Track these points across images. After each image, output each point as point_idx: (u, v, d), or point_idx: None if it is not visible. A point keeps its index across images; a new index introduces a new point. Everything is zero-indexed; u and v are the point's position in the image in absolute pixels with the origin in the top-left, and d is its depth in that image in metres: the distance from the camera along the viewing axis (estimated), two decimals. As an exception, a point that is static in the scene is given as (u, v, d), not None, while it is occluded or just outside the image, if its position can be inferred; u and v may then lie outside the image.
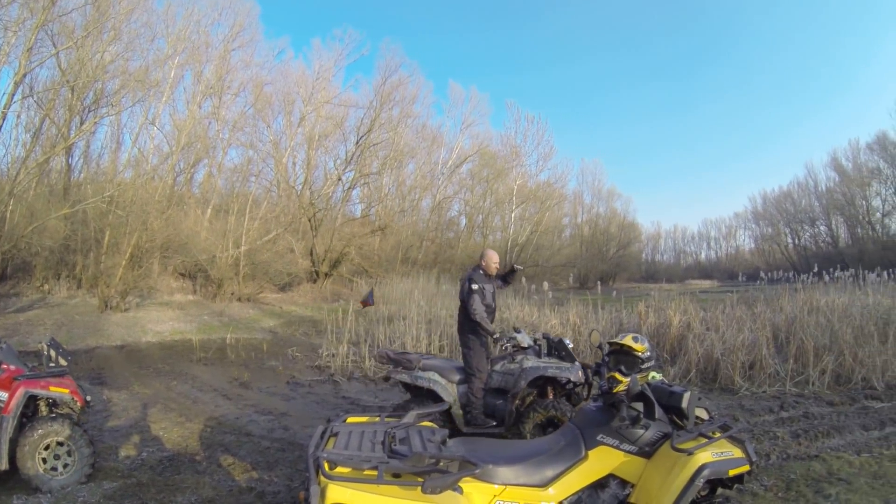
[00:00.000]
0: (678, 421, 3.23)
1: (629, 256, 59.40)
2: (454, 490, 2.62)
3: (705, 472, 2.88)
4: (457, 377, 5.93)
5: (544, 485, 2.96)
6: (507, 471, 2.91)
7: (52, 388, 4.61)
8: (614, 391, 3.22)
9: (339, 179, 28.43)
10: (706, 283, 48.57)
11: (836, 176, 49.09)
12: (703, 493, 3.18)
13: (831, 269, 16.34)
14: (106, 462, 5.41)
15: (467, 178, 38.55)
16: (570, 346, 6.22)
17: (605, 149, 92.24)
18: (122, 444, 6.09)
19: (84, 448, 4.67)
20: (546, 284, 14.34)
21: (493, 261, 6.28)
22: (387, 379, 6.35)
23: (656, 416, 3.12)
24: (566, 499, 3.00)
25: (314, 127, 27.55)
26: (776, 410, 7.51)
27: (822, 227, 52.84)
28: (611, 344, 3.57)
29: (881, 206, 44.97)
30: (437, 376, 5.80)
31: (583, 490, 3.06)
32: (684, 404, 3.15)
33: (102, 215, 16.38)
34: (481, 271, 6.25)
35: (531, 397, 6.01)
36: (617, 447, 3.10)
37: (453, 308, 13.45)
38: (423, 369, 5.80)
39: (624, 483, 3.11)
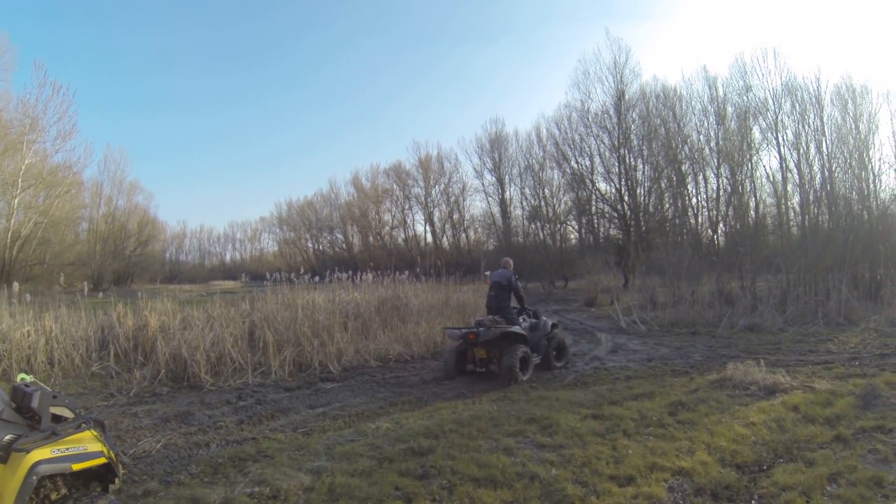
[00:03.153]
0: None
1: (150, 255, 59.49)
2: None
3: (39, 469, 3.11)
4: None
5: None
6: None
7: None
8: None
9: None
10: (230, 284, 50.92)
11: (355, 192, 61.75)
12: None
13: (331, 271, 18.94)
14: None
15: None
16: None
17: (136, 140, 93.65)
18: None
19: None
20: (17, 286, 12.56)
21: (511, 265, 10.90)
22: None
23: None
24: None
25: None
26: (234, 401, 8.17)
27: (338, 235, 64.97)
28: None
29: (390, 221, 58.92)
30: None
31: None
32: (35, 404, 3.35)
33: None
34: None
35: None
36: None
37: None
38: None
39: None
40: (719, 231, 31.09)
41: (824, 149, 27.25)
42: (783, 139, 29.07)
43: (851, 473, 4.65)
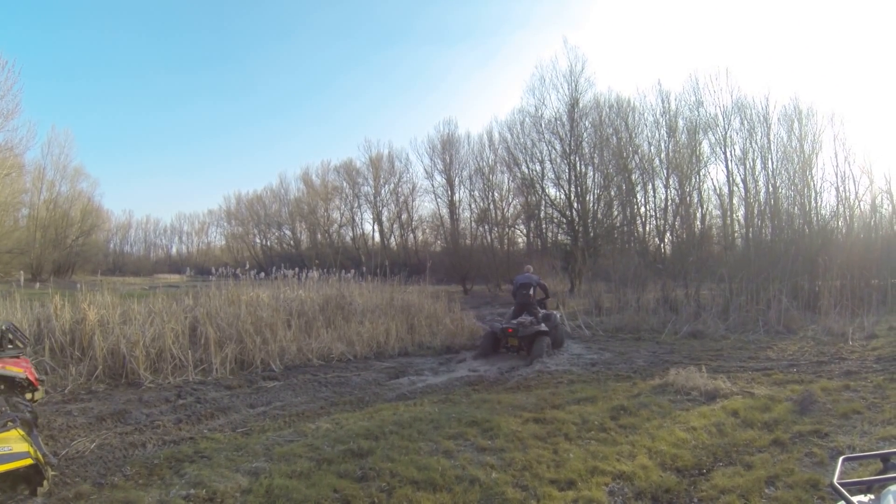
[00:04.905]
0: None
1: (93, 245, 57.03)
2: None
3: None
4: None
5: None
6: None
7: (7, 367, 5.50)
8: None
9: None
10: (175, 278, 49.52)
11: (305, 188, 60.69)
12: None
13: (277, 268, 18.62)
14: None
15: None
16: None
17: (82, 123, 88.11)
18: None
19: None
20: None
21: (532, 269, 14.12)
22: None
23: None
24: None
25: None
26: (173, 400, 7.94)
27: (287, 231, 63.88)
28: None
29: (339, 218, 58.10)
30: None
31: None
32: None
33: None
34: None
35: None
36: None
37: None
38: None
39: None
40: (666, 240, 31.69)
41: (770, 165, 28.01)
42: (731, 154, 29.83)
43: (789, 476, 4.74)
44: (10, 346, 6.09)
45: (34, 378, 5.80)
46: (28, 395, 5.81)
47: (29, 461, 3.36)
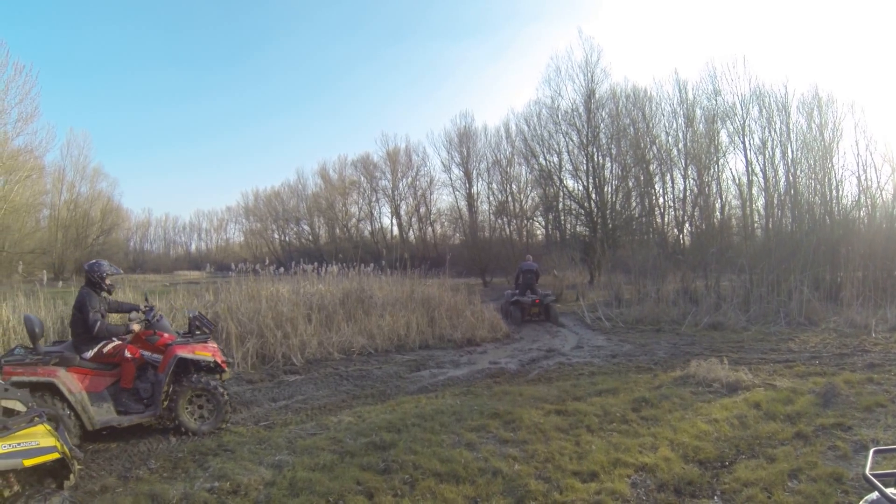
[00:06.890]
0: None
1: (113, 244, 57.48)
2: None
3: None
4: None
5: None
6: None
7: (197, 352, 6.41)
8: None
9: None
10: (195, 274, 50.01)
11: (323, 183, 60.92)
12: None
13: (296, 263, 18.71)
14: None
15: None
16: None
17: (100, 125, 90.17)
18: None
19: (220, 400, 6.39)
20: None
21: (531, 258, 18.60)
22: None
23: None
24: None
25: None
26: (194, 395, 8.00)
27: (305, 226, 64.09)
28: None
29: (357, 213, 58.41)
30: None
31: None
32: None
33: None
34: None
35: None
36: None
37: None
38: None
39: None
40: (685, 231, 31.49)
41: (789, 154, 27.63)
42: (750, 143, 29.44)
43: (812, 470, 4.70)
44: (197, 332, 6.85)
45: (221, 360, 6.65)
46: (217, 377, 6.72)
47: (56, 455, 3.40)
